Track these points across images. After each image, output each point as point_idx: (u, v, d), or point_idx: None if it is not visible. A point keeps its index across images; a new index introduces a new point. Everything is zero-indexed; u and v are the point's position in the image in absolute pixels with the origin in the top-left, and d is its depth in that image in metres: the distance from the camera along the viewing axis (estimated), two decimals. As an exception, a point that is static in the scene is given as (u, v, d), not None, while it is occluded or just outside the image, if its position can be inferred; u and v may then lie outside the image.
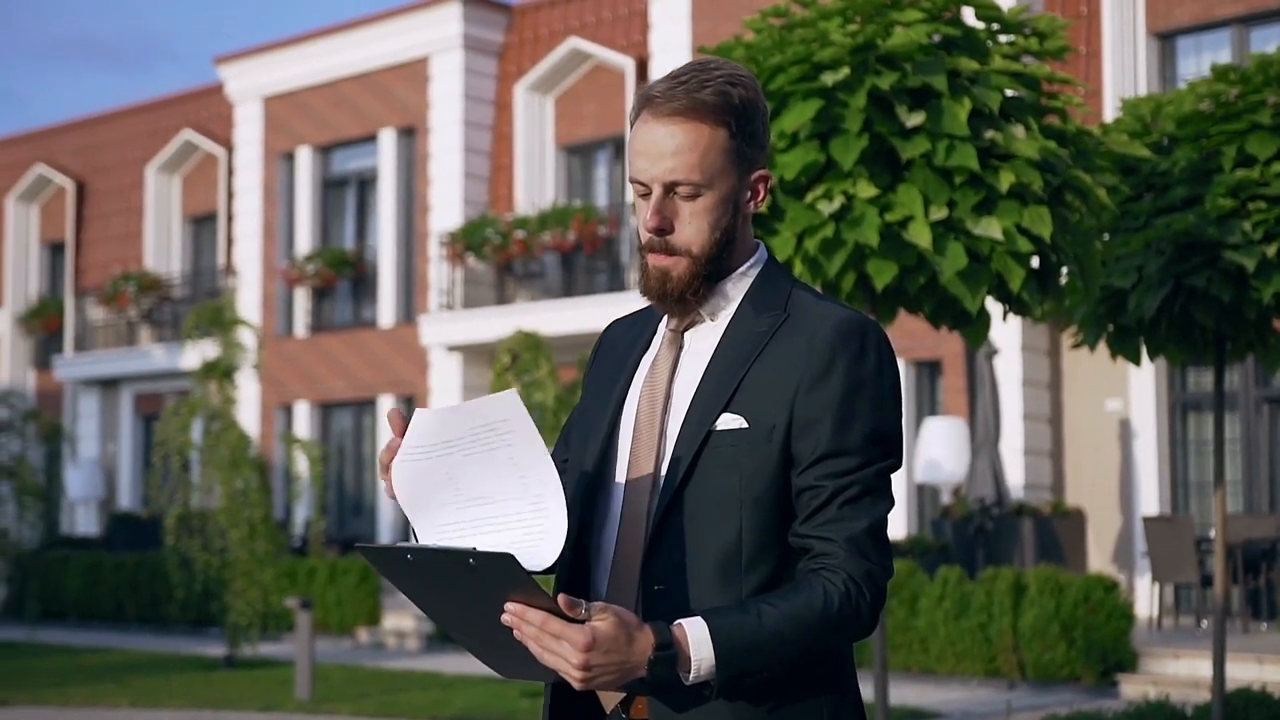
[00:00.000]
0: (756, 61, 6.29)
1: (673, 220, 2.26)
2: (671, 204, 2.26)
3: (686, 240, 2.27)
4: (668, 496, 2.23)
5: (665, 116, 2.23)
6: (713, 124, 2.23)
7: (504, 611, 2.04)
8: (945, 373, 16.92)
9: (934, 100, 6.15)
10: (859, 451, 2.20)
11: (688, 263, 2.27)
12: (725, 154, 2.25)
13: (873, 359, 2.24)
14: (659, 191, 2.26)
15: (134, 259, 25.54)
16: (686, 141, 2.23)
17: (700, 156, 2.23)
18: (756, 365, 2.25)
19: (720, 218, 2.27)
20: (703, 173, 2.24)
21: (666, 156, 2.23)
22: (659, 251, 2.28)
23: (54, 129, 27.66)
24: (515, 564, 1.98)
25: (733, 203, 2.29)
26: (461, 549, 2.01)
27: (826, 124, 6.09)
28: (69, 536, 23.33)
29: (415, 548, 2.05)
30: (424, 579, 2.09)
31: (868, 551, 2.19)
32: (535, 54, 21.22)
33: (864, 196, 6.05)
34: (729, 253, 2.31)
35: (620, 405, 2.36)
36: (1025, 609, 12.86)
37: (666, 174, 2.24)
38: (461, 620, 2.13)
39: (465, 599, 2.07)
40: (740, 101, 2.25)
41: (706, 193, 2.25)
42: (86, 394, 25.84)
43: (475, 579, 2.02)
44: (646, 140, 2.25)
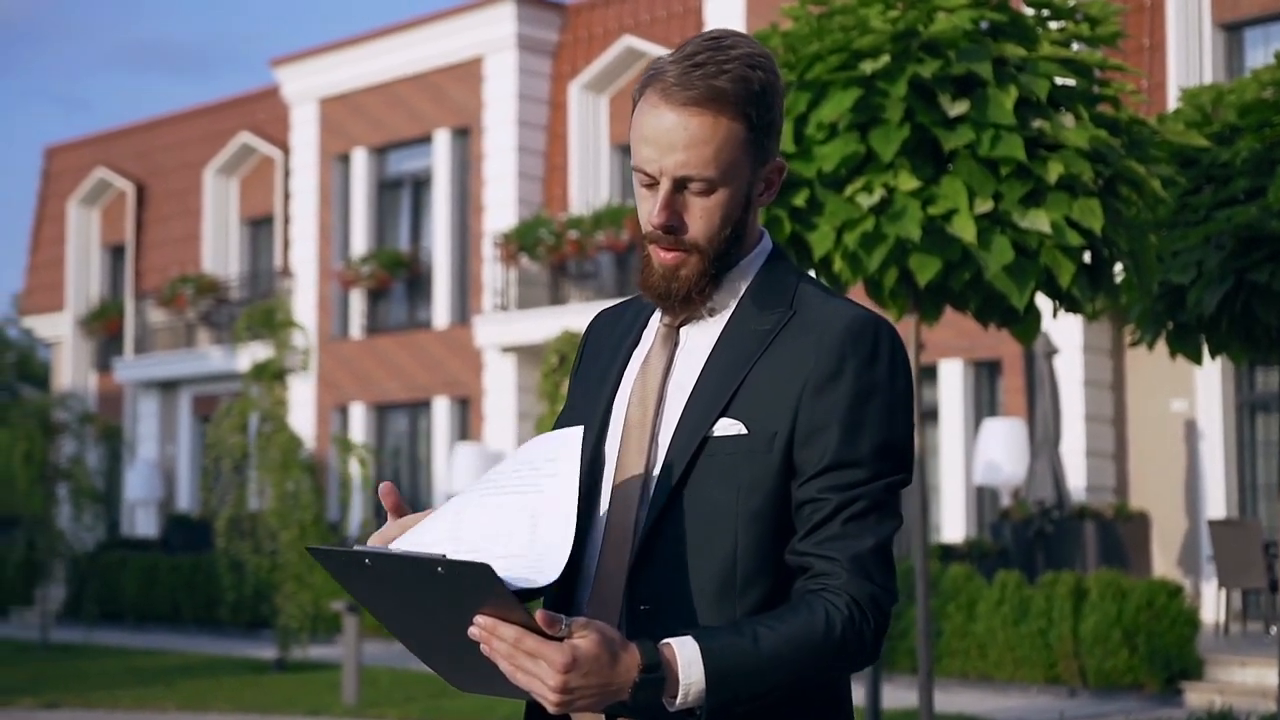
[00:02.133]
0: (794, 50, 6.08)
1: (682, 215, 2.07)
2: (681, 199, 2.06)
3: (696, 236, 2.07)
4: (657, 508, 2.04)
5: (679, 105, 2.03)
6: (730, 115, 2.03)
7: (473, 620, 1.85)
8: (1005, 373, 16.61)
9: (979, 89, 5.93)
10: (868, 463, 2.01)
11: (697, 260, 2.08)
12: (742, 147, 2.05)
13: (885, 363, 2.04)
14: (668, 185, 2.05)
15: (192, 261, 25.63)
16: (702, 134, 2.02)
17: (716, 151, 2.03)
18: (758, 366, 2.05)
19: (732, 213, 2.08)
20: (718, 168, 2.04)
21: (679, 149, 2.03)
22: (666, 246, 2.08)
23: (114, 133, 27.83)
24: (491, 574, 1.79)
25: (745, 197, 2.09)
26: (429, 555, 1.82)
27: (866, 114, 5.88)
28: (128, 538, 23.43)
29: (375, 552, 1.86)
30: (383, 586, 1.91)
31: (873, 573, 1.99)
32: (589, 53, 21.08)
33: (905, 189, 5.84)
34: (739, 248, 2.12)
35: (609, 405, 2.17)
36: (1086, 614, 12.56)
37: (678, 168, 2.04)
38: (422, 632, 1.95)
39: (429, 610, 1.89)
40: (761, 88, 2.05)
41: (720, 189, 2.06)
42: (146, 396, 25.96)
43: (443, 589, 1.84)
44: (656, 128, 2.04)
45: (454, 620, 1.86)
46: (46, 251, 28.49)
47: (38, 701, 12.96)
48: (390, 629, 2.00)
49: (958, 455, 16.79)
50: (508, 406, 20.52)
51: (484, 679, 1.92)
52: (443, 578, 1.81)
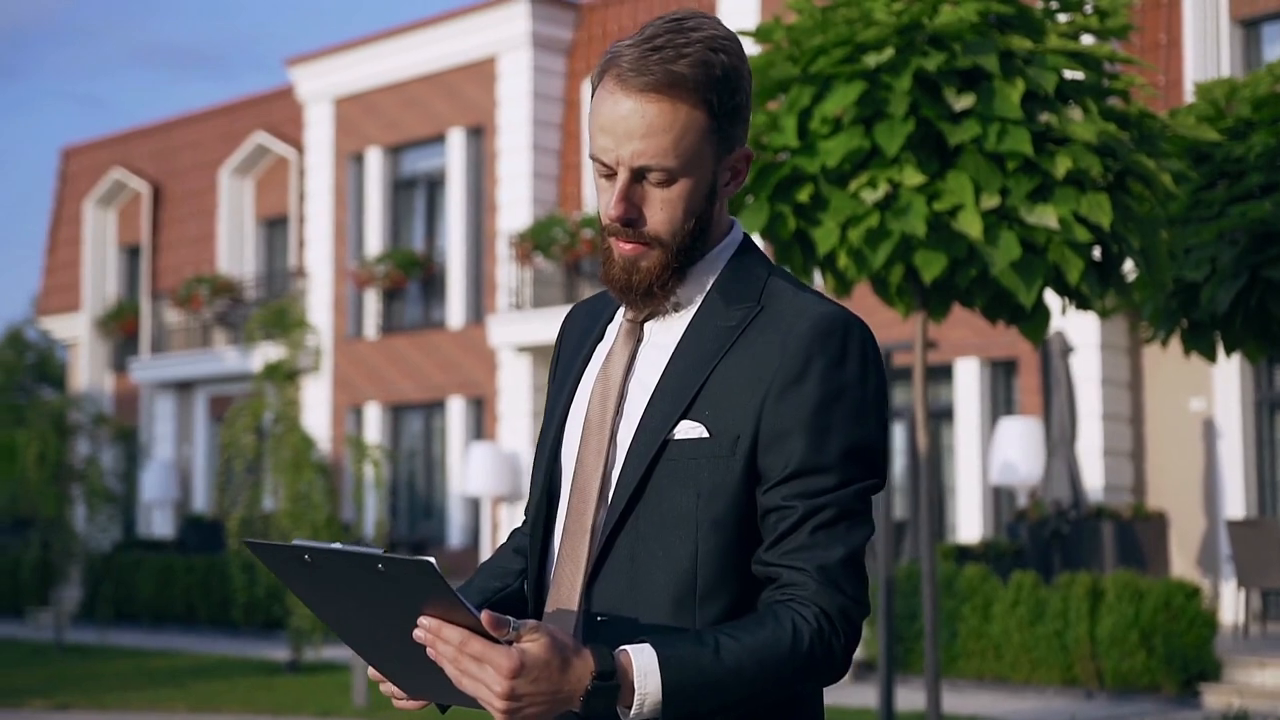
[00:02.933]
0: (798, 43, 5.99)
1: (641, 207, 1.97)
2: (640, 190, 1.96)
3: (656, 229, 1.97)
4: (615, 512, 1.95)
5: (635, 91, 1.92)
6: (690, 102, 1.93)
7: (417, 622, 1.78)
8: (1021, 372, 16.48)
9: (985, 82, 5.83)
10: (835, 469, 1.91)
11: (659, 252, 1.98)
12: (704, 135, 1.95)
13: (855, 362, 1.94)
14: (626, 176, 1.96)
15: (208, 262, 25.63)
16: (660, 122, 1.92)
17: (675, 139, 1.93)
18: (722, 366, 1.95)
19: (695, 204, 1.98)
20: (677, 158, 1.94)
21: (635, 137, 1.93)
22: (626, 239, 1.99)
23: (131, 133, 27.85)
24: (433, 571, 1.71)
25: (709, 187, 1.99)
26: (369, 551, 1.73)
27: (870, 108, 5.79)
28: (144, 539, 23.43)
29: (315, 548, 1.78)
30: (325, 585, 1.83)
31: (843, 584, 1.89)
32: (603, 50, 20.96)
33: (910, 184, 5.74)
34: (704, 240, 2.02)
35: (570, 403, 2.09)
36: (1103, 616, 12.43)
37: (635, 157, 1.94)
38: (364, 631, 1.88)
39: (372, 610, 1.81)
40: (724, 73, 1.95)
41: (681, 179, 1.96)
42: (162, 396, 25.96)
43: (385, 587, 1.76)
44: (612, 115, 1.94)
45: (398, 622, 1.79)
46: (63, 252, 28.53)
47: (49, 703, 12.93)
48: (336, 631, 1.92)
49: (974, 455, 16.67)
50: (523, 406, 20.46)
51: (432, 684, 1.84)
52: (384, 575, 1.74)
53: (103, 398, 26.84)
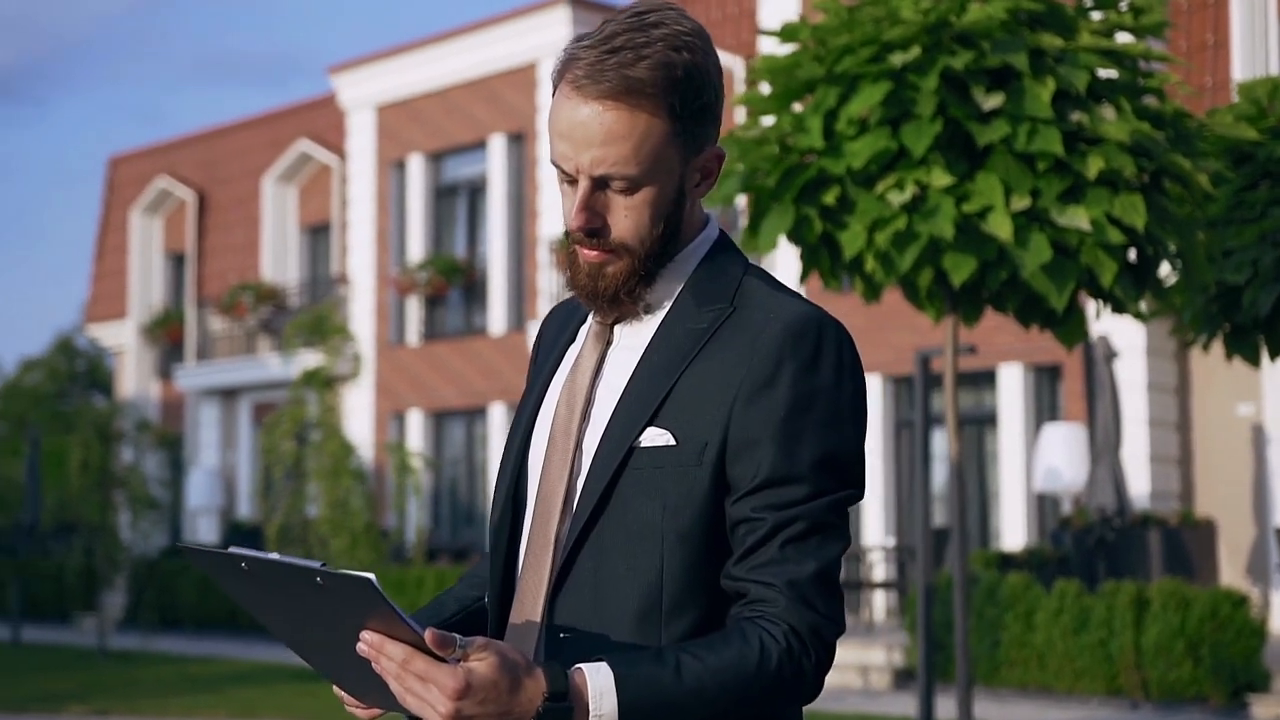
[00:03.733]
0: (823, 43, 5.89)
1: (604, 216, 1.89)
2: (603, 198, 1.88)
3: (622, 236, 1.89)
4: (579, 523, 1.86)
5: (592, 98, 1.84)
6: (650, 108, 1.84)
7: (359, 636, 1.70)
8: (1065, 377, 16.29)
9: (1014, 81, 5.71)
10: (807, 479, 1.81)
11: (625, 260, 1.90)
12: (666, 140, 1.86)
13: (829, 366, 1.85)
14: (587, 185, 1.87)
15: (252, 269, 25.74)
16: (618, 129, 1.84)
17: (635, 147, 1.85)
18: (691, 370, 1.86)
19: (661, 210, 1.90)
20: (638, 165, 1.85)
21: (594, 145, 1.85)
22: (590, 246, 1.91)
23: (176, 142, 28.02)
24: (372, 588, 1.63)
25: (676, 191, 1.91)
26: (307, 564, 1.67)
27: (897, 108, 5.68)
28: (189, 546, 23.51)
29: (252, 557, 1.71)
30: (262, 592, 1.77)
31: (814, 600, 1.80)
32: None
33: (938, 186, 5.63)
34: (674, 245, 1.93)
35: (538, 408, 2.00)
36: (1148, 625, 12.23)
37: (594, 165, 1.86)
38: (311, 640, 1.81)
39: (314, 620, 1.75)
40: (686, 73, 1.86)
41: (645, 186, 1.87)
42: (207, 403, 26.08)
43: (323, 601, 1.69)
44: (569, 121, 1.86)
45: (342, 634, 1.72)
46: (110, 260, 28.73)
47: (87, 708, 12.96)
48: (282, 640, 1.87)
49: (1017, 461, 16.48)
50: (563, 413, 20.41)
51: (386, 696, 1.77)
52: (322, 589, 1.67)
53: (149, 405, 26.99)
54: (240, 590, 1.80)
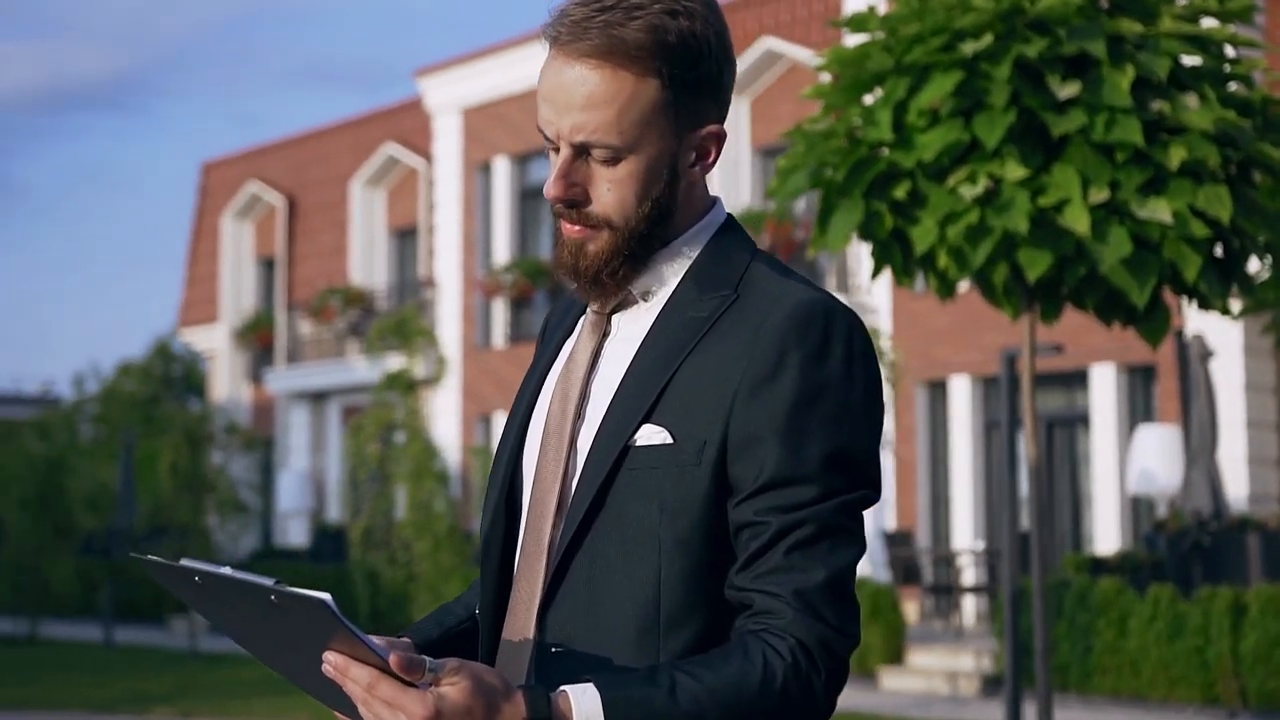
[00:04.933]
0: (894, 32, 5.71)
1: (586, 187, 1.75)
2: (584, 168, 1.75)
3: (605, 211, 1.76)
4: (571, 529, 1.73)
5: (575, 57, 1.71)
6: (638, 71, 1.71)
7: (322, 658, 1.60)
8: (1159, 377, 15.91)
9: (1092, 69, 5.50)
10: (815, 479, 1.67)
11: (608, 237, 1.76)
12: (656, 109, 1.73)
13: (839, 356, 1.70)
14: (567, 153, 1.74)
15: (340, 273, 25.90)
16: (601, 92, 1.71)
17: (619, 113, 1.71)
18: (690, 362, 1.72)
19: (649, 187, 1.75)
20: (622, 134, 1.72)
21: (575, 109, 1.71)
22: (571, 220, 1.78)
23: (266, 147, 28.28)
24: (326, 610, 1.53)
25: (668, 168, 1.76)
26: (261, 582, 1.57)
27: (969, 99, 5.50)
28: (280, 548, 23.70)
29: (207, 571, 1.61)
30: (223, 606, 1.68)
31: (824, 611, 1.65)
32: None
33: (1013, 178, 5.44)
34: (665, 227, 1.79)
35: (533, 404, 1.87)
36: (1246, 631, 11.88)
37: (574, 132, 1.72)
38: (274, 652, 1.71)
39: (276, 635, 1.65)
40: (680, 39, 1.72)
41: (630, 157, 1.74)
42: (297, 407, 26.28)
43: (281, 619, 1.60)
44: (552, 82, 1.74)
45: (304, 650, 1.62)
46: (203, 265, 29.06)
47: (174, 710, 13.06)
48: (250, 652, 1.77)
49: (1110, 463, 16.13)
50: (649, 415, 20.31)
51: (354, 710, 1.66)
52: (278, 607, 1.57)
53: (240, 408, 27.25)
54: (201, 604, 1.71)
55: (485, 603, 1.84)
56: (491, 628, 1.82)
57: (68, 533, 22.00)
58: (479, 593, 1.99)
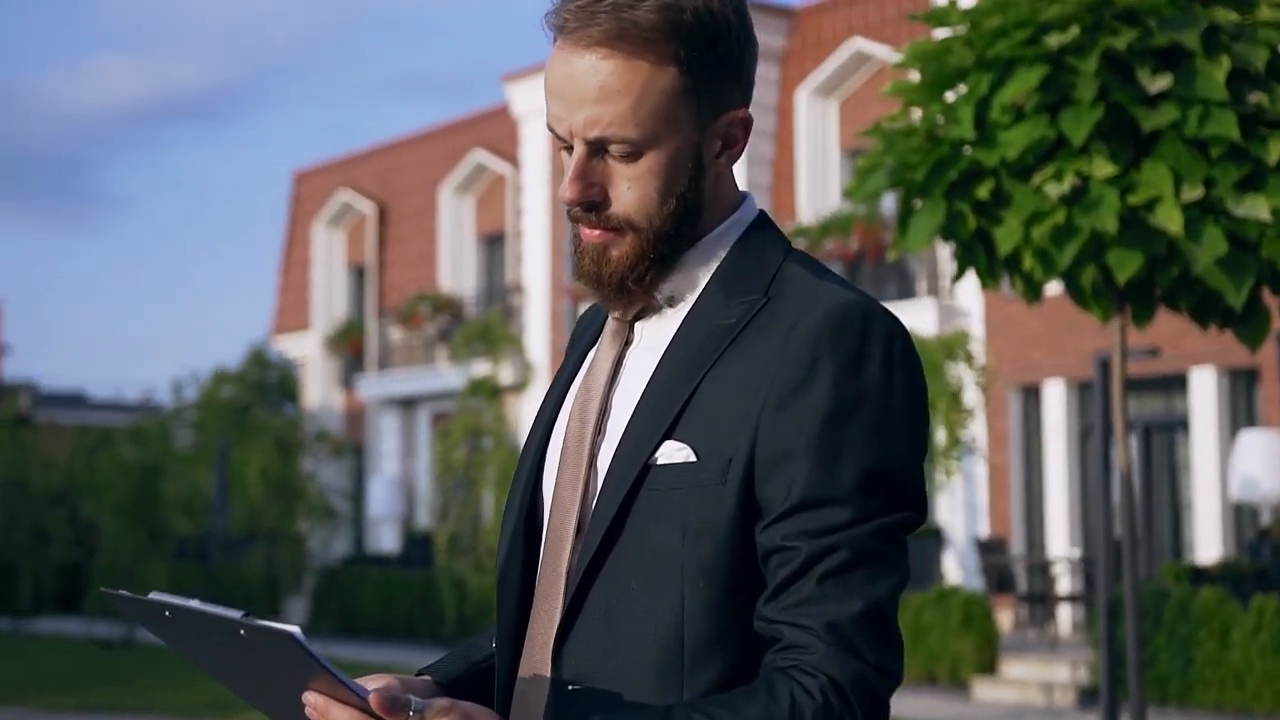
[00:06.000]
0: (976, 26, 5.52)
1: (604, 187, 1.61)
2: (602, 166, 1.61)
3: (626, 211, 1.62)
4: (588, 556, 1.59)
5: (584, 47, 1.58)
6: (653, 57, 1.57)
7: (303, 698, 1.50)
8: (1262, 380, 15.46)
9: (1184, 61, 5.27)
10: (850, 500, 1.51)
11: (632, 240, 1.62)
12: (674, 97, 1.59)
13: (877, 364, 1.55)
14: (581, 150, 1.61)
15: (430, 279, 25.99)
16: (615, 82, 1.57)
17: (635, 103, 1.58)
18: (714, 373, 1.58)
19: (674, 181, 1.62)
20: (640, 126, 1.58)
21: (588, 103, 1.58)
22: (590, 224, 1.64)
23: (357, 156, 28.46)
24: (294, 644, 1.43)
25: (692, 160, 1.63)
26: (229, 615, 1.47)
27: (1055, 94, 5.29)
28: (371, 554, 23.81)
29: (175, 605, 1.52)
30: (191, 638, 1.59)
31: (860, 646, 1.49)
32: (818, 57, 20.55)
33: (1101, 176, 5.22)
34: (693, 225, 1.65)
35: (553, 419, 1.74)
36: (1355, 644, 11.48)
37: (589, 127, 1.59)
38: (249, 686, 1.62)
39: (247, 667, 1.57)
40: (696, 18, 1.58)
41: (650, 151, 1.60)
42: (388, 413, 26.39)
43: (252, 653, 1.51)
44: (561, 76, 1.61)
45: (277, 686, 1.52)
46: (295, 273, 29.30)
47: (260, 717, 13.08)
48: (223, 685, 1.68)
49: (1211, 470, 15.71)
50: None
51: None
52: (248, 641, 1.47)
53: (332, 415, 27.42)
54: (174, 639, 1.62)
55: (502, 636, 1.70)
56: (509, 663, 1.69)
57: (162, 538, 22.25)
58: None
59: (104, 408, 40.46)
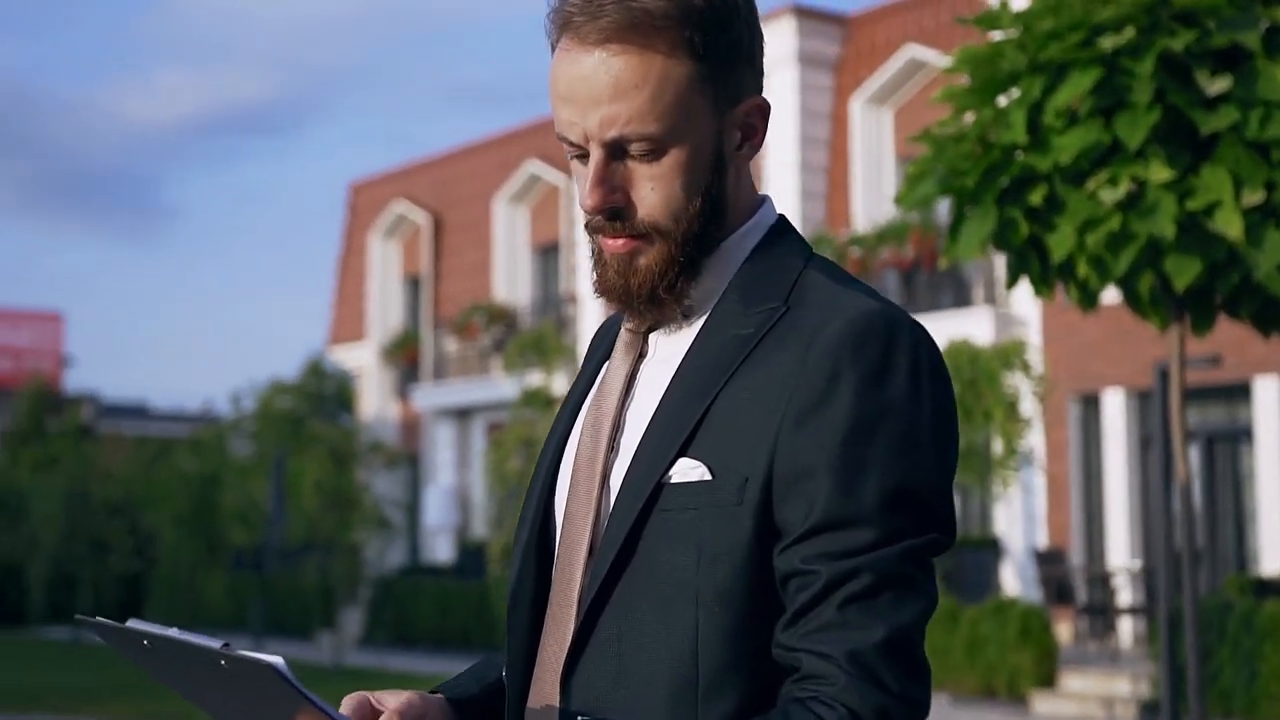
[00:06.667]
0: (1028, 29, 5.41)
1: (627, 191, 1.53)
2: (622, 169, 1.53)
3: (652, 215, 1.53)
4: (598, 581, 1.51)
5: (593, 44, 1.50)
6: (666, 46, 1.49)
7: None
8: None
9: (1244, 62, 5.15)
10: (873, 520, 1.43)
11: (660, 245, 1.54)
12: (691, 86, 1.51)
13: (902, 375, 1.46)
14: (600, 155, 1.52)
15: (484, 290, 26.02)
16: (629, 76, 1.49)
17: (653, 96, 1.49)
18: (731, 386, 1.50)
19: (698, 178, 1.53)
20: (660, 120, 1.50)
21: (602, 102, 1.50)
22: (613, 233, 1.55)
23: (412, 167, 28.55)
24: (274, 675, 1.38)
25: (714, 154, 1.54)
26: (208, 645, 1.42)
27: (1109, 97, 5.17)
28: (427, 564, 23.83)
29: (154, 634, 1.47)
30: (172, 666, 1.54)
31: (882, 676, 1.40)
32: (872, 64, 20.41)
33: (1157, 181, 5.10)
34: (719, 224, 1.56)
35: (566, 436, 1.66)
36: None
37: (605, 127, 1.51)
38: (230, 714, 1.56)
39: (231, 698, 1.51)
40: (706, 2, 1.51)
41: (673, 148, 1.52)
42: (443, 423, 26.44)
43: (233, 683, 1.46)
44: (570, 78, 1.52)
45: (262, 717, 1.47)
46: (351, 284, 29.42)
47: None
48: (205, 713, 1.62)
49: (1276, 480, 15.44)
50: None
51: None
52: (228, 671, 1.43)
53: (388, 425, 27.49)
54: (154, 667, 1.57)
55: (513, 660, 1.62)
56: (519, 689, 1.61)
57: (219, 549, 22.35)
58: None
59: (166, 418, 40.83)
